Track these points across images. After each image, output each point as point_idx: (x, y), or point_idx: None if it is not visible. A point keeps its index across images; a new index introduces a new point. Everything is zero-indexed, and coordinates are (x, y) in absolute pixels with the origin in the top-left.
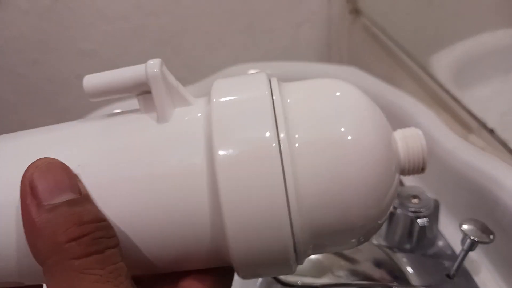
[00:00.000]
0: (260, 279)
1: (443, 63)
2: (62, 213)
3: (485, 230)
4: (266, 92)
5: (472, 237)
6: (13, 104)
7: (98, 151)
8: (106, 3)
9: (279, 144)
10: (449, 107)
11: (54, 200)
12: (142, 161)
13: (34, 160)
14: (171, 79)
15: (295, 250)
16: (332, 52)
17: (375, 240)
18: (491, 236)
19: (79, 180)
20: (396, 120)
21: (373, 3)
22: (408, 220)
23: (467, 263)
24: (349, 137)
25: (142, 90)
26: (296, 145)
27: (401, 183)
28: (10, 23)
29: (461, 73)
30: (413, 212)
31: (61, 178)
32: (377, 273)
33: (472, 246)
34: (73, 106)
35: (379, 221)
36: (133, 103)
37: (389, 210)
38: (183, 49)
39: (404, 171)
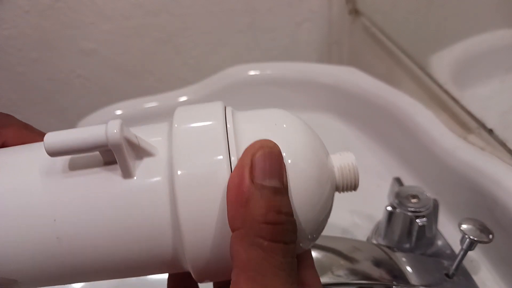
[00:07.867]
0: None
1: (442, 63)
2: (267, 195)
3: (484, 229)
4: (220, 122)
5: (471, 237)
6: (14, 103)
7: (69, 208)
8: (106, 2)
9: (231, 165)
10: (449, 107)
11: (264, 181)
12: (112, 217)
13: (262, 139)
14: (132, 137)
15: None
16: (332, 52)
17: (375, 239)
18: (490, 236)
19: (285, 171)
20: (396, 120)
21: (373, 3)
22: (407, 220)
23: (466, 263)
24: (289, 161)
25: (105, 149)
26: None
27: (400, 183)
28: (10, 22)
29: (460, 73)
30: (412, 211)
31: (276, 166)
32: (376, 272)
33: (471, 245)
34: (73, 105)
35: (321, 225)
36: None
37: (329, 209)
38: (184, 49)
39: (339, 189)
